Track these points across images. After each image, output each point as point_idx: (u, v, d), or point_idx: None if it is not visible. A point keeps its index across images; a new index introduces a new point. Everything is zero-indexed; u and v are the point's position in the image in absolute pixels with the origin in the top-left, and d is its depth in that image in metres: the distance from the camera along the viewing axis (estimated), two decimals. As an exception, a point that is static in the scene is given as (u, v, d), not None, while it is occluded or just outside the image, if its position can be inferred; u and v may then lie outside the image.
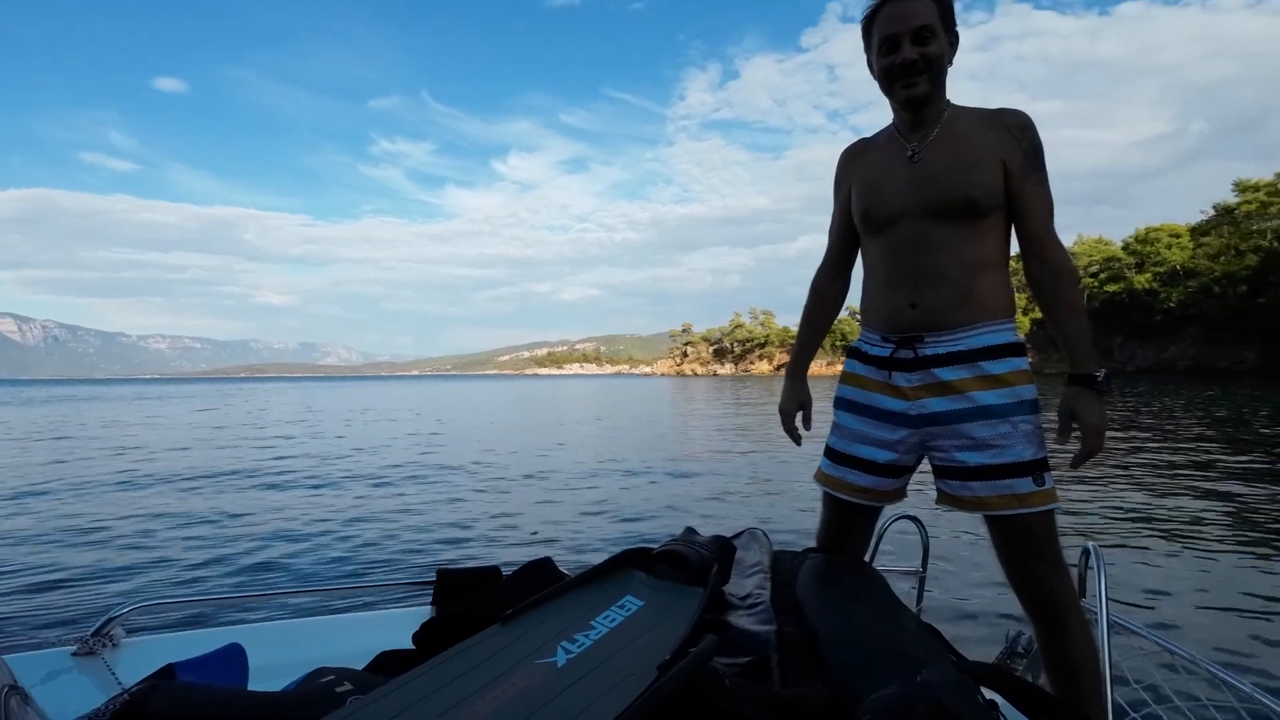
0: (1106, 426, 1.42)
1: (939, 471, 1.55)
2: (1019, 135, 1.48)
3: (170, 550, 5.41)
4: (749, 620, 1.28)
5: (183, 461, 11.00)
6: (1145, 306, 68.88)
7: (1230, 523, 5.49)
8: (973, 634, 3.17)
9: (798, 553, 1.62)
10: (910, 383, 1.53)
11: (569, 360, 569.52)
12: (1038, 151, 1.49)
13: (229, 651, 1.27)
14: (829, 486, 1.66)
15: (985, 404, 1.46)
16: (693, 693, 0.93)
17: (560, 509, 6.85)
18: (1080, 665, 1.46)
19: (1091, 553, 1.56)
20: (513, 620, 1.19)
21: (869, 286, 1.65)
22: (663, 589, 1.34)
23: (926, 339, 1.51)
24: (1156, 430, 13.12)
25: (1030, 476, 1.43)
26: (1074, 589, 1.51)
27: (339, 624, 1.61)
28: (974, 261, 1.49)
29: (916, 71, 1.49)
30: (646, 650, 1.09)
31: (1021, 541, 1.46)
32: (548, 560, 1.60)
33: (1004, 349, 1.49)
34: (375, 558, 5.20)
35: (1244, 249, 60.69)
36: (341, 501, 7.43)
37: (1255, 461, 8.93)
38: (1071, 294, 1.49)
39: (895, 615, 1.31)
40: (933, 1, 1.49)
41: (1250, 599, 3.72)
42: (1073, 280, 1.50)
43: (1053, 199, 1.50)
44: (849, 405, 1.64)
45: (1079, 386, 1.44)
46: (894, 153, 1.58)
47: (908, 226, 1.52)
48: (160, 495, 7.91)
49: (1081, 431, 1.42)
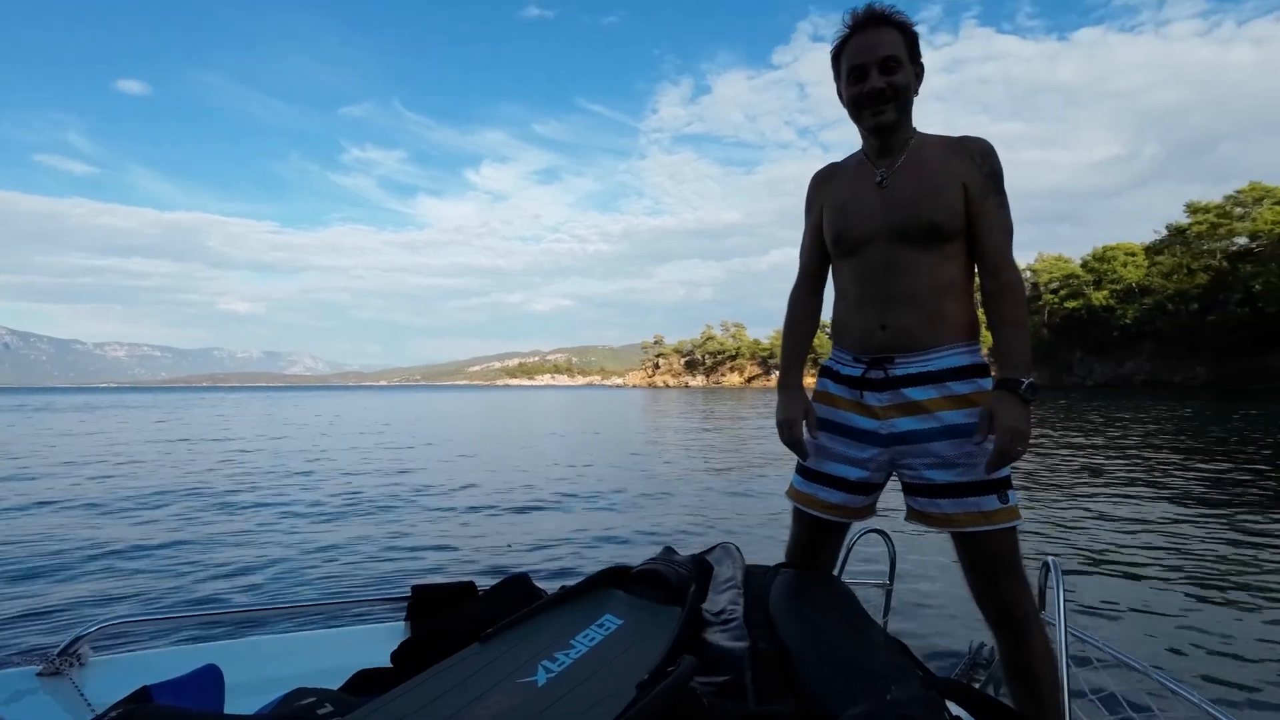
0: (1026, 432, 1.41)
1: (908, 489, 1.59)
2: (980, 161, 1.54)
3: (139, 568, 5.25)
4: (723, 637, 1.29)
5: (147, 476, 10.68)
6: (1103, 322, 70.90)
7: (1185, 536, 5.66)
8: (937, 645, 3.23)
9: (769, 567, 1.65)
10: (881, 402, 1.57)
11: (540, 371, 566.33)
12: (997, 176, 1.54)
13: (205, 673, 1.25)
14: (801, 503, 1.68)
15: (952, 423, 1.50)
16: (671, 713, 0.93)
17: (535, 525, 6.80)
18: (1040, 676, 1.50)
19: (1051, 567, 1.62)
20: (492, 639, 1.19)
21: (840, 307, 1.70)
22: (641, 608, 1.35)
23: (897, 360, 1.56)
24: (1113, 445, 13.50)
25: (995, 494, 1.48)
26: (1035, 602, 1.56)
27: (314, 641, 1.59)
28: (940, 284, 1.54)
29: (884, 100, 1.54)
30: (626, 669, 1.10)
31: (986, 556, 1.51)
32: (524, 577, 1.60)
33: (970, 370, 1.53)
34: (348, 574, 5.11)
35: (1195, 268, 62.92)
36: (312, 517, 7.29)
37: (1207, 476, 9.23)
38: (1017, 310, 1.52)
39: (864, 631, 1.33)
40: (899, 33, 1.55)
41: (1203, 612, 3.84)
42: (1020, 298, 1.53)
43: (1011, 223, 1.55)
44: (821, 423, 1.68)
45: (1004, 390, 1.45)
46: (863, 178, 1.63)
47: (877, 250, 1.56)
48: (125, 512, 7.67)
49: (998, 431, 1.42)
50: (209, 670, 1.25)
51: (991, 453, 1.42)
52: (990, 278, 1.54)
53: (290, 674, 1.26)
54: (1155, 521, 6.31)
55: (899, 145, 1.59)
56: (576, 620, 1.29)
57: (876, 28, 1.55)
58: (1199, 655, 3.23)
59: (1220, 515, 6.53)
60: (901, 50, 1.54)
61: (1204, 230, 61.95)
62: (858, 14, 1.57)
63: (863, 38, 1.55)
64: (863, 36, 1.55)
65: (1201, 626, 3.62)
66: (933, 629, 3.45)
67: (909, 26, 1.57)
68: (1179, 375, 62.00)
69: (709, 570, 1.56)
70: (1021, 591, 1.52)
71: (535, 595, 1.53)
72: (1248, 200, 59.74)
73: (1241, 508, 6.93)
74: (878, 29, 1.54)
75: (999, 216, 1.53)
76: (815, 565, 1.71)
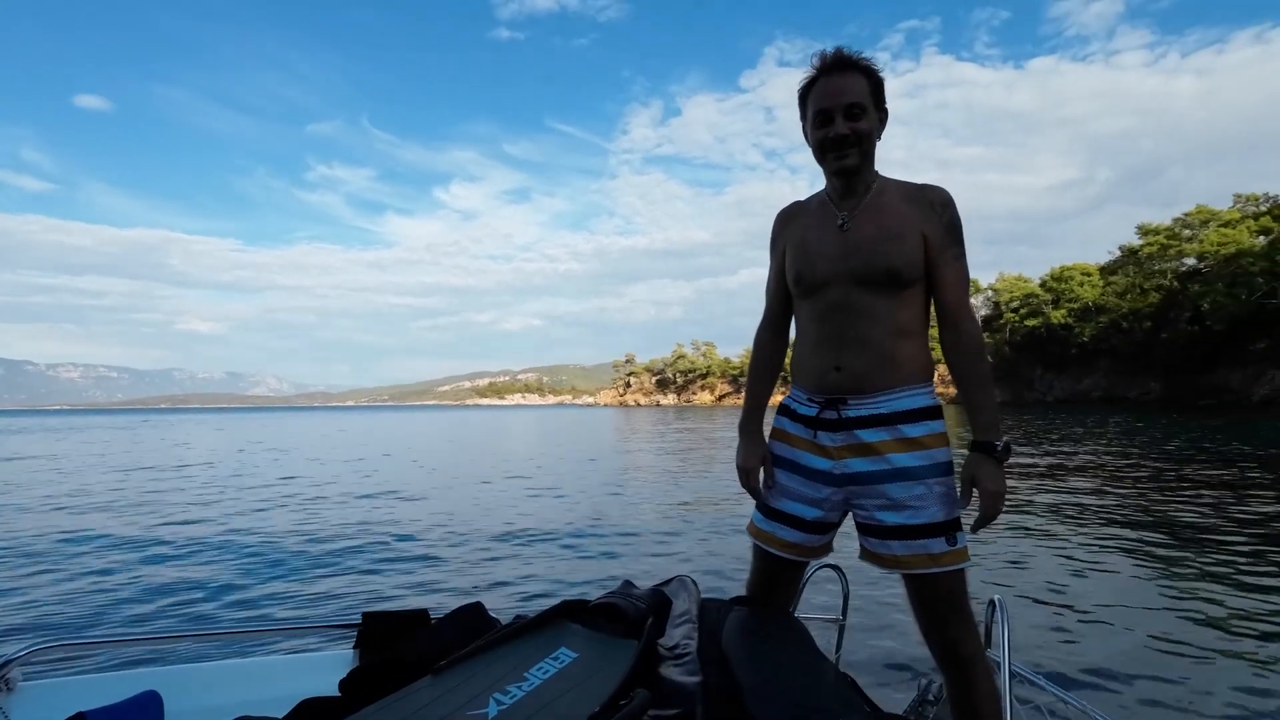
0: (1005, 492, 1.50)
1: (861, 529, 1.60)
2: (940, 211, 1.56)
3: (74, 590, 5.06)
4: (677, 672, 1.30)
5: (91, 496, 10.32)
6: (1061, 340, 72.87)
7: (1131, 568, 5.75)
8: (888, 681, 3.23)
9: (725, 601, 1.65)
10: (835, 442, 1.58)
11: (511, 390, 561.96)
12: (956, 228, 1.57)
13: (144, 699, 1.22)
14: (760, 540, 1.70)
15: (902, 466, 1.52)
16: None
17: (495, 551, 6.68)
18: (984, 713, 1.52)
19: (997, 605, 1.65)
20: (445, 671, 1.18)
21: (799, 346, 1.72)
22: (597, 641, 1.34)
23: (849, 401, 1.57)
24: (1061, 469, 13.80)
25: (944, 537, 1.50)
26: (979, 641, 1.58)
27: (258, 668, 1.53)
28: (896, 328, 1.56)
29: (848, 145, 1.56)
30: (578, 702, 1.10)
31: (934, 596, 1.53)
32: (478, 605, 1.58)
33: (921, 412, 1.55)
34: (295, 598, 4.96)
35: (1147, 287, 65.19)
36: (258, 540, 7.10)
37: (1158, 501, 9.47)
38: (981, 366, 1.56)
39: (815, 667, 1.34)
40: (865, 79, 1.57)
41: (1149, 647, 3.87)
42: (980, 350, 1.57)
43: (968, 273, 1.58)
44: (778, 461, 1.69)
45: (981, 454, 1.51)
46: (826, 219, 1.64)
47: (836, 292, 1.58)
48: (62, 532, 7.39)
49: (981, 496, 1.49)
50: (148, 696, 1.23)
51: (977, 518, 1.51)
52: (951, 330, 1.58)
53: (233, 701, 1.24)
54: (1101, 552, 6.43)
55: (861, 188, 1.62)
56: (531, 653, 1.28)
57: (843, 73, 1.56)
58: (1140, 692, 3.27)
59: (1171, 545, 6.68)
60: (866, 97, 1.56)
61: (1155, 251, 64.26)
62: (826, 57, 1.58)
63: (829, 82, 1.57)
64: (829, 81, 1.57)
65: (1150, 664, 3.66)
66: (884, 665, 3.46)
67: (875, 72, 1.59)
68: (1134, 391, 63.86)
69: (667, 604, 1.55)
70: (967, 631, 1.54)
71: (489, 624, 1.50)
72: (1195, 222, 62.19)
73: (1193, 540, 7.10)
74: (844, 75, 1.56)
75: (957, 269, 1.57)
76: (774, 599, 1.71)
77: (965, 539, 1.53)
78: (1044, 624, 4.23)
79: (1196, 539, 6.48)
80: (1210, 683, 3.34)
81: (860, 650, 3.54)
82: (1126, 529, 7.01)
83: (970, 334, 1.57)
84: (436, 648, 1.31)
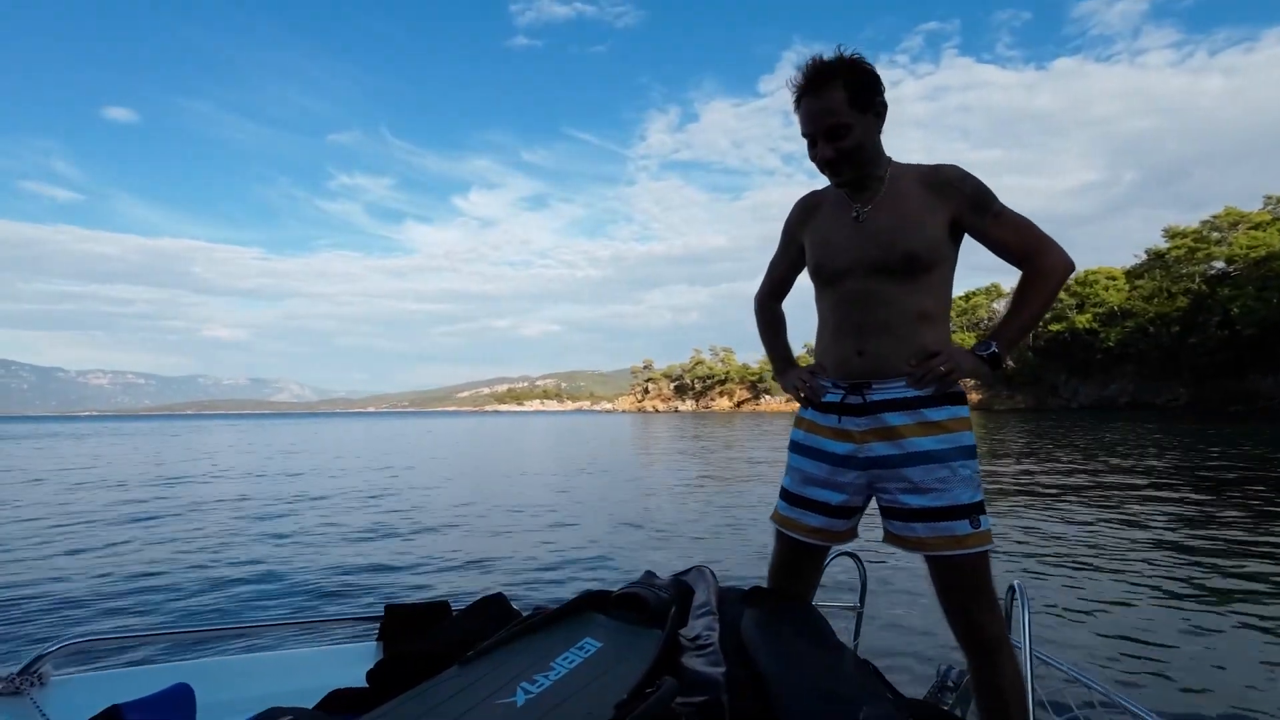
0: (965, 369, 1.50)
1: (885, 512, 1.62)
2: (959, 185, 1.55)
3: (106, 588, 5.19)
4: (700, 661, 1.28)
5: (122, 497, 10.56)
6: (1086, 345, 71.71)
7: (1151, 559, 5.72)
8: (907, 667, 3.25)
9: (744, 591, 1.67)
10: (859, 427, 1.60)
11: (529, 397, 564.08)
12: (982, 193, 1.55)
13: (176, 692, 1.22)
14: (784, 527, 1.72)
15: (926, 449, 1.54)
16: None
17: (516, 546, 6.76)
18: (1009, 697, 1.53)
19: (1017, 591, 1.66)
20: (472, 661, 1.19)
21: (822, 335, 1.74)
22: (621, 631, 1.36)
23: (873, 385, 1.59)
24: (1084, 467, 13.59)
25: (968, 519, 1.51)
26: (1003, 624, 1.59)
27: (287, 660, 1.57)
28: (918, 314, 1.57)
29: (837, 166, 1.58)
30: (604, 691, 1.10)
31: (958, 580, 1.54)
32: (500, 597, 1.61)
33: (944, 397, 1.56)
34: (320, 591, 5.06)
35: (1175, 291, 64.00)
36: (283, 537, 7.25)
37: (1183, 499, 9.31)
38: (1044, 286, 1.53)
39: (835, 654, 1.35)
40: (844, 89, 1.52)
41: (1170, 634, 3.87)
42: (1052, 280, 1.52)
43: (1020, 217, 1.55)
44: (802, 449, 1.71)
45: (971, 352, 1.53)
46: (843, 211, 1.65)
47: (855, 281, 1.60)
48: (97, 531, 7.60)
49: (942, 354, 1.51)
50: (180, 689, 1.23)
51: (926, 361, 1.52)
52: (1032, 270, 1.54)
53: (264, 693, 1.25)
54: (1128, 545, 6.36)
55: (873, 182, 1.62)
56: (556, 643, 1.30)
57: (818, 93, 1.53)
58: (1165, 678, 3.27)
59: (1191, 540, 6.59)
60: (847, 111, 1.52)
61: (1182, 255, 63.13)
62: (804, 73, 1.55)
63: (809, 103, 1.55)
64: (809, 102, 1.55)
65: (1169, 648, 3.65)
66: (903, 652, 3.47)
67: (859, 71, 1.54)
68: (1161, 397, 62.69)
69: (689, 593, 1.57)
70: (991, 615, 1.55)
71: (510, 616, 1.53)
72: (1223, 225, 61.05)
73: (1212, 531, 6.99)
74: (819, 94, 1.53)
75: (1006, 225, 1.55)
76: (796, 586, 1.74)
77: (989, 522, 1.55)
78: (1063, 611, 4.22)
79: (1232, 539, 6.38)
80: (1235, 669, 3.33)
81: (878, 638, 3.56)
82: (1155, 525, 6.93)
83: (1043, 268, 1.52)
84: (460, 638, 1.33)
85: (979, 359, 1.51)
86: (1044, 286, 1.53)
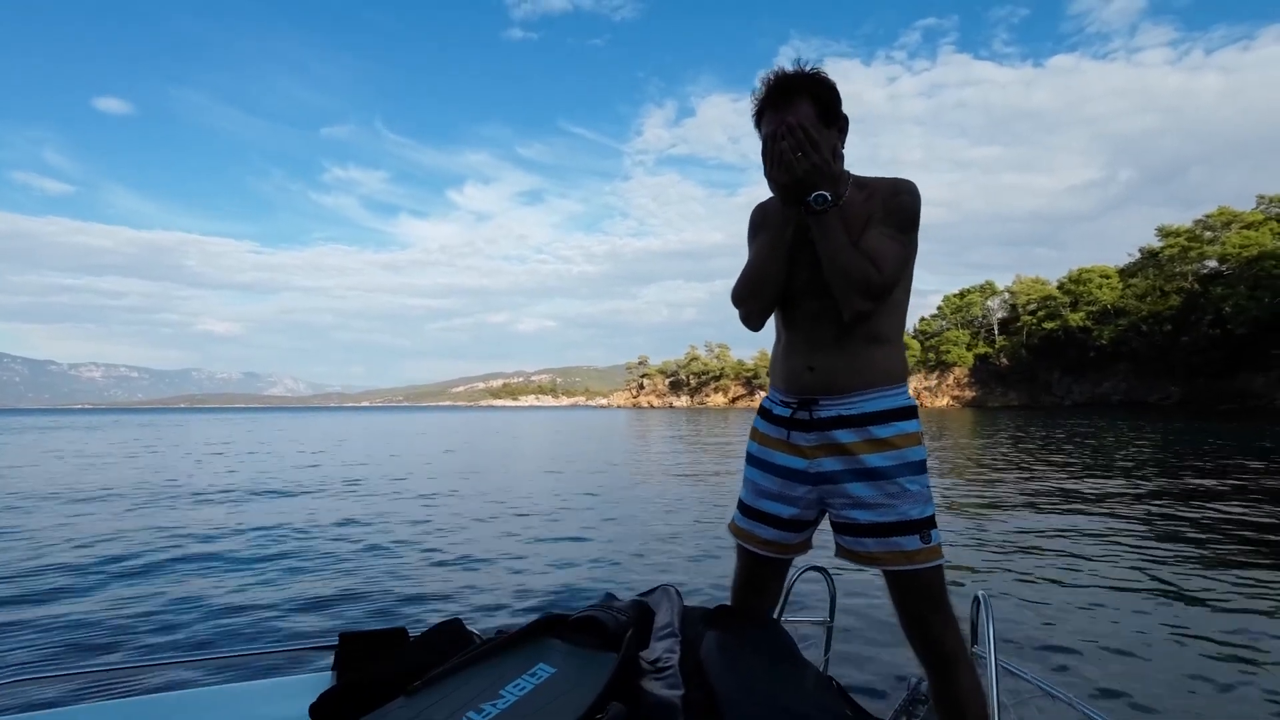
0: (806, 167, 1.44)
1: (836, 527, 1.63)
2: (888, 198, 1.53)
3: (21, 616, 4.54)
4: (658, 685, 1.29)
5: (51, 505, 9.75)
6: (1080, 343, 72.06)
7: (1118, 563, 5.70)
8: (879, 681, 3.23)
9: (708, 610, 1.66)
10: (809, 442, 1.60)
11: (525, 392, 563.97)
12: (899, 211, 1.52)
13: None
14: (740, 539, 1.73)
15: (873, 466, 1.53)
16: None
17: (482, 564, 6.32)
18: (968, 710, 1.53)
19: (981, 601, 1.66)
20: (419, 691, 1.16)
21: (775, 349, 1.74)
22: (576, 655, 1.33)
23: (821, 402, 1.59)
24: (1055, 467, 13.64)
25: (917, 534, 1.51)
26: (961, 638, 1.59)
27: (231, 695, 1.46)
28: (869, 335, 1.56)
29: None
30: (554, 717, 1.09)
31: (912, 594, 1.54)
32: (457, 621, 1.57)
33: (892, 413, 1.56)
34: (267, 619, 4.55)
35: (1168, 290, 64.33)
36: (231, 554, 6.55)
37: (1162, 504, 9.34)
38: (849, 263, 1.48)
39: (795, 673, 1.34)
40: (810, 102, 1.50)
41: (1136, 640, 3.86)
42: (859, 278, 1.47)
43: (898, 256, 1.51)
44: (756, 461, 1.72)
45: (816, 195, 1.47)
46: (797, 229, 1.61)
47: (808, 300, 1.60)
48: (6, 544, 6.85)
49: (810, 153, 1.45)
50: None
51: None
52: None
53: None
54: (1094, 550, 6.36)
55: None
56: (508, 670, 1.26)
57: (785, 106, 1.50)
58: (1133, 688, 3.25)
59: (1164, 547, 6.58)
60: (815, 126, 1.49)
61: (1175, 253, 63.44)
62: (769, 85, 1.53)
63: (774, 116, 1.51)
64: (774, 115, 1.51)
65: (1138, 657, 3.64)
66: (874, 665, 3.46)
67: (823, 87, 1.52)
68: (1154, 395, 63.01)
69: (650, 615, 1.54)
70: (947, 628, 1.55)
71: (467, 641, 1.49)
72: (1217, 224, 61.34)
73: (1188, 540, 7.01)
74: (788, 109, 1.49)
75: (879, 239, 1.50)
76: (761, 599, 1.74)
77: (939, 536, 1.55)
78: (1031, 620, 4.22)
79: (1200, 540, 6.40)
80: (1202, 678, 3.33)
81: (850, 652, 3.54)
82: (1126, 528, 6.94)
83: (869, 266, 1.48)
84: (413, 667, 1.28)
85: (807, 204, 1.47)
86: (848, 262, 1.48)
